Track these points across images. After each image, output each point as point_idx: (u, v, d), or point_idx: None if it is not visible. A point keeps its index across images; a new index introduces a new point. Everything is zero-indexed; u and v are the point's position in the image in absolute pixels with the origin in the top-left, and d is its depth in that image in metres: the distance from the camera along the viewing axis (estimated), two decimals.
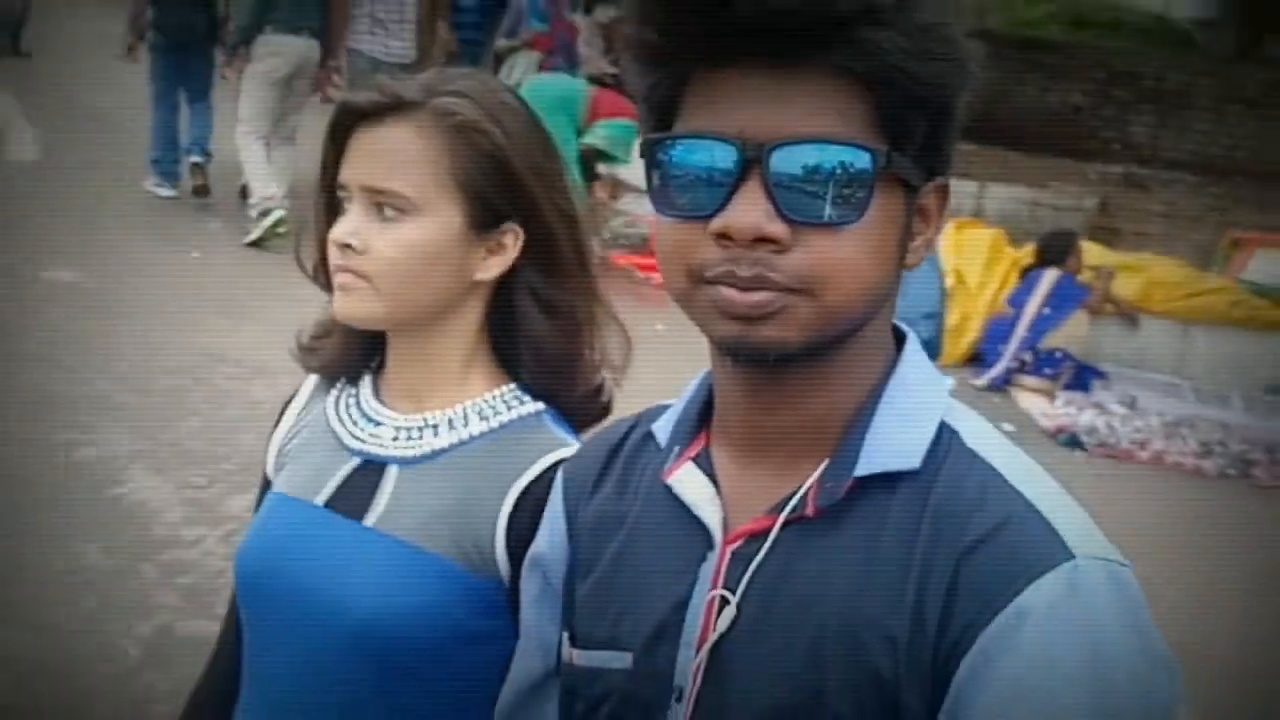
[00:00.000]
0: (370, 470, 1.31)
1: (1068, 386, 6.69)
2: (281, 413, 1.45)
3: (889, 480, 0.89)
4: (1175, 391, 6.90)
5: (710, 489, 0.96)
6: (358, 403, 1.36)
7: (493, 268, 1.27)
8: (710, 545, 0.95)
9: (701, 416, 1.01)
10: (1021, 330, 6.85)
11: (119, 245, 6.57)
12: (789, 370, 0.89)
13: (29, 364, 4.94)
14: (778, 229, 0.82)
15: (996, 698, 0.79)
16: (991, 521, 0.84)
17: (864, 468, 0.89)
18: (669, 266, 0.90)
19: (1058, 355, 6.78)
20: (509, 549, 1.23)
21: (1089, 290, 6.92)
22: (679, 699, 0.95)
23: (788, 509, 0.91)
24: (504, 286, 1.30)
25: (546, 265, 1.29)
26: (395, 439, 1.31)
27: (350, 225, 1.23)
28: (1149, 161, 12.48)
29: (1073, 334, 6.86)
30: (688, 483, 0.97)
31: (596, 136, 7.08)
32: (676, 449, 1.01)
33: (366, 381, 1.38)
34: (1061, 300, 6.85)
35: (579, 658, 1.03)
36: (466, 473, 1.28)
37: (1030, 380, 6.76)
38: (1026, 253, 7.20)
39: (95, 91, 10.76)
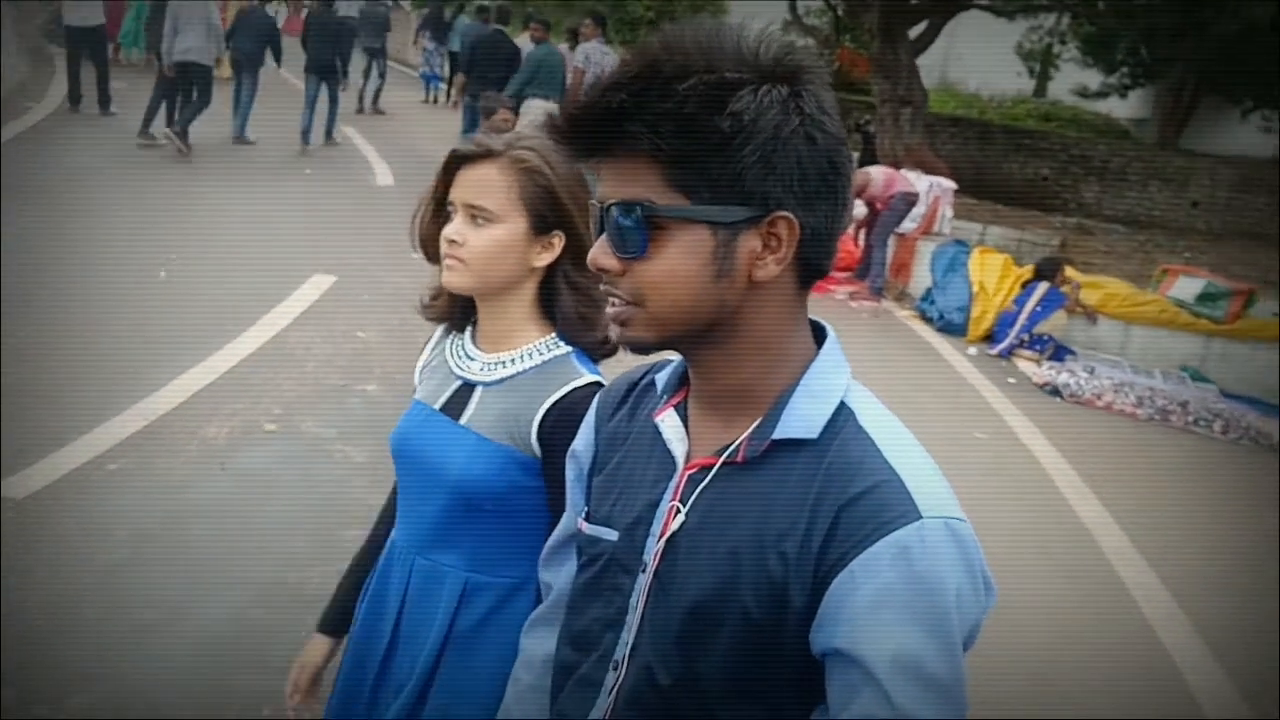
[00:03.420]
0: (466, 389, 1.43)
1: (1050, 358, 7.02)
2: (423, 348, 1.56)
3: (796, 444, 0.89)
4: (1119, 366, 7.10)
5: (681, 430, 0.97)
6: (462, 345, 1.47)
7: (544, 259, 1.38)
8: (675, 468, 0.96)
9: (684, 375, 1.01)
10: (1021, 320, 7.17)
11: None
12: (692, 355, 0.93)
13: None
14: (608, 261, 0.87)
15: (861, 605, 0.79)
16: (866, 484, 0.83)
17: (779, 433, 0.89)
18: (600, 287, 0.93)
19: (1044, 338, 7.12)
20: (539, 439, 1.36)
21: (1066, 297, 7.23)
22: (644, 570, 0.96)
23: (725, 454, 0.92)
24: (550, 271, 1.40)
25: (577, 259, 1.37)
26: (481, 370, 1.43)
27: (456, 227, 1.35)
28: (1094, 216, 12.91)
29: (1055, 325, 7.18)
30: (668, 424, 0.98)
31: None
32: (665, 397, 1.01)
33: (469, 331, 1.48)
34: (1048, 303, 7.18)
35: (586, 528, 1.05)
36: (519, 393, 1.39)
37: (1026, 353, 7.11)
38: (1027, 271, 7.53)
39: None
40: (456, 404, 1.43)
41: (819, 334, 0.96)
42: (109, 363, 4.64)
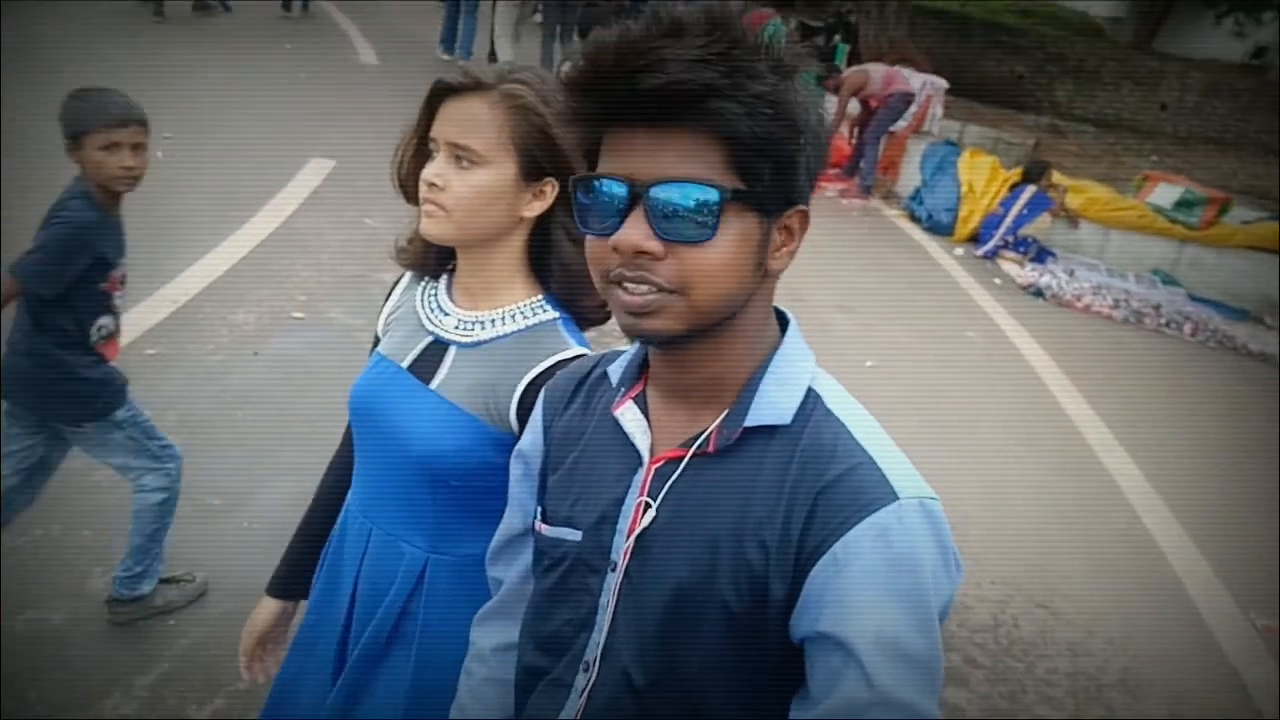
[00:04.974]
0: (438, 347, 1.30)
1: (1033, 260, 7.19)
2: (389, 293, 1.42)
3: (768, 430, 0.88)
4: (1097, 269, 7.28)
5: (643, 423, 0.95)
6: (435, 296, 1.34)
7: (535, 208, 1.25)
8: (640, 463, 0.94)
9: (642, 366, 0.98)
10: (1007, 223, 7.29)
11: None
12: (683, 346, 0.88)
13: None
14: (654, 245, 0.81)
15: (845, 589, 0.79)
16: (842, 467, 0.83)
17: (750, 421, 0.88)
18: (591, 268, 0.87)
19: (1029, 240, 7.26)
20: (518, 416, 1.23)
21: (1053, 201, 7.32)
22: (613, 570, 0.94)
23: (695, 445, 0.90)
24: (542, 222, 1.27)
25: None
26: (456, 327, 1.29)
27: (437, 169, 1.20)
28: (1065, 116, 12.96)
29: (1039, 228, 7.32)
30: (628, 417, 0.95)
31: None
32: (622, 389, 0.98)
33: (444, 280, 1.35)
34: (1034, 206, 7.29)
35: (546, 530, 1.01)
36: (498, 360, 1.26)
37: (1010, 254, 7.27)
38: (1014, 173, 7.57)
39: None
40: (427, 364, 1.30)
41: (779, 319, 0.95)
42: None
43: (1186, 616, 3.51)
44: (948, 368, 5.27)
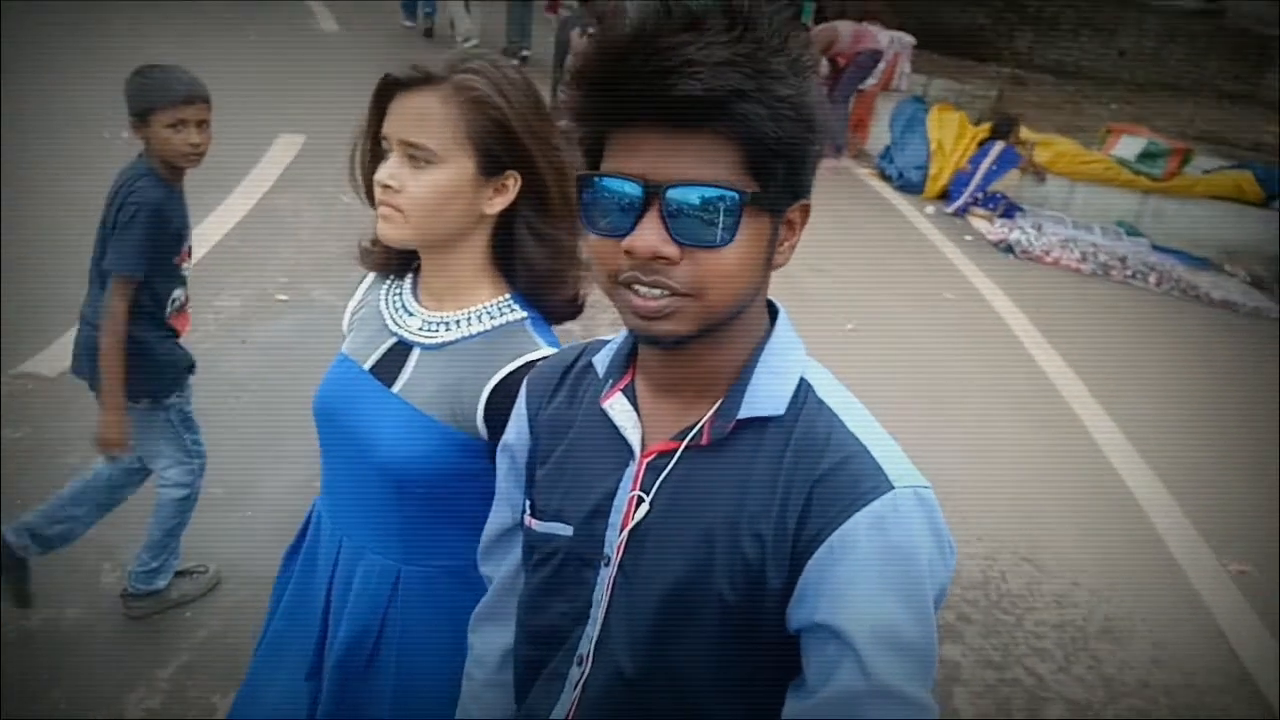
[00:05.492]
0: (401, 348, 1.26)
1: (1002, 215, 7.26)
2: (355, 290, 1.38)
3: (762, 422, 0.87)
4: (1063, 222, 7.36)
5: (634, 415, 0.93)
6: (400, 296, 1.30)
7: (497, 204, 1.20)
8: (631, 456, 0.92)
9: (630, 355, 0.96)
10: (976, 179, 7.35)
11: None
12: (688, 342, 0.86)
13: None
14: (671, 250, 0.79)
15: (841, 579, 0.79)
16: (837, 458, 0.83)
17: (744, 412, 0.87)
18: (597, 269, 0.85)
19: (998, 196, 7.34)
20: (486, 419, 1.20)
21: (1021, 156, 7.38)
22: (606, 564, 0.93)
23: (688, 438, 0.89)
24: (506, 219, 1.23)
25: (538, 203, 1.21)
26: (420, 329, 1.26)
27: (390, 170, 1.15)
28: (1025, 66, 12.88)
29: (1008, 184, 7.39)
30: (618, 409, 0.94)
31: None
32: (610, 380, 0.96)
33: (409, 280, 1.31)
34: (1003, 162, 7.36)
35: (536, 525, 1.00)
36: (463, 362, 1.22)
37: (980, 210, 7.34)
38: (983, 129, 7.61)
39: None
40: (389, 366, 1.26)
41: (769, 309, 0.95)
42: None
43: (1163, 563, 3.65)
44: (927, 330, 5.36)
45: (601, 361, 0.99)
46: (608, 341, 1.02)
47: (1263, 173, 7.52)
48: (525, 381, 1.08)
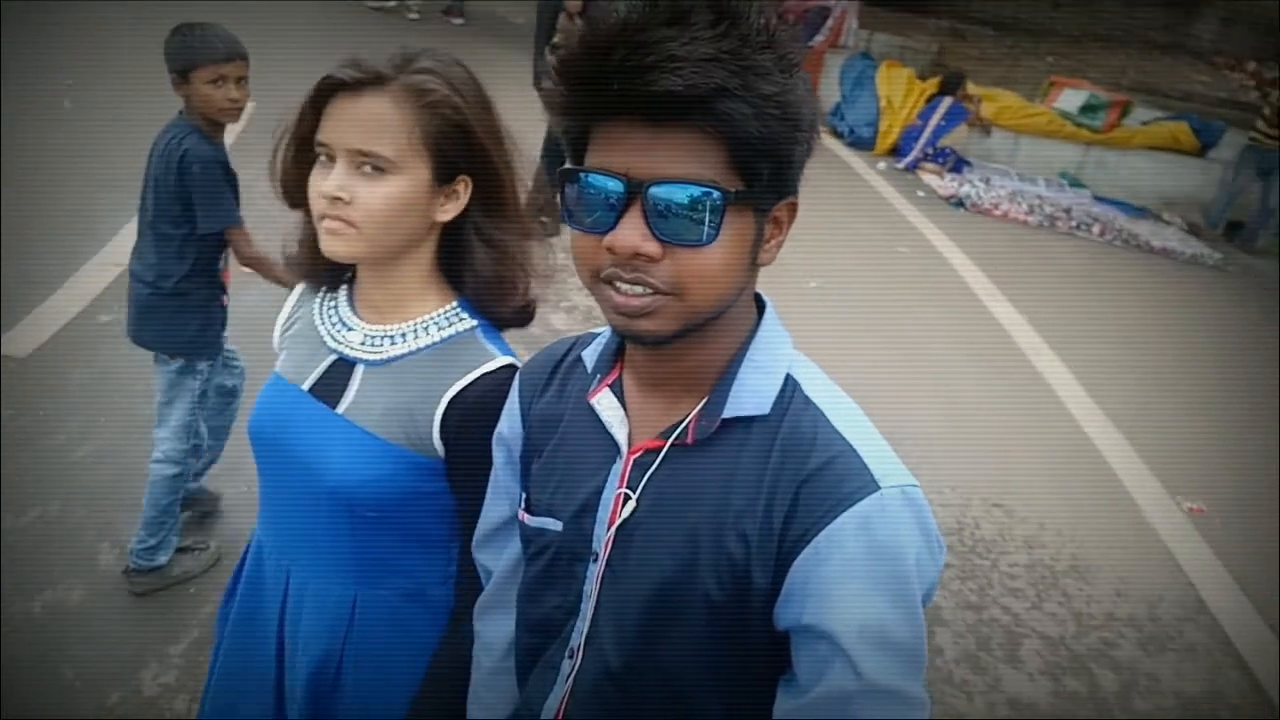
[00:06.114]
0: (343, 366, 1.18)
1: (951, 170, 7.54)
2: (285, 303, 1.29)
3: (747, 420, 0.87)
4: (1009, 175, 7.71)
5: (620, 412, 0.93)
6: (336, 309, 1.21)
7: (450, 211, 1.13)
8: (619, 453, 0.92)
9: (618, 350, 0.96)
10: (926, 134, 7.59)
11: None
12: (674, 340, 0.84)
13: None
14: (652, 248, 0.78)
15: (828, 580, 0.78)
16: (823, 457, 0.82)
17: (729, 412, 0.87)
18: (578, 265, 0.84)
19: (947, 151, 7.60)
20: (443, 437, 1.13)
21: (969, 112, 7.61)
22: (595, 560, 0.93)
23: (674, 436, 0.88)
24: (453, 224, 1.15)
25: (489, 207, 1.15)
26: (363, 343, 1.17)
27: (339, 180, 1.05)
28: (963, 19, 12.72)
29: (956, 139, 7.69)
30: (605, 405, 0.94)
31: None
32: (598, 376, 0.96)
33: (344, 290, 1.22)
34: (951, 117, 7.65)
35: (528, 519, 1.00)
36: (414, 379, 1.14)
37: (930, 165, 7.57)
38: (931, 85, 7.80)
39: None
40: (331, 385, 1.17)
41: (757, 303, 0.93)
42: (61, 206, 4.37)
43: (1121, 502, 3.84)
44: (886, 285, 5.48)
45: (590, 356, 0.99)
46: (597, 335, 1.01)
47: (1198, 123, 7.81)
48: (518, 375, 1.07)
